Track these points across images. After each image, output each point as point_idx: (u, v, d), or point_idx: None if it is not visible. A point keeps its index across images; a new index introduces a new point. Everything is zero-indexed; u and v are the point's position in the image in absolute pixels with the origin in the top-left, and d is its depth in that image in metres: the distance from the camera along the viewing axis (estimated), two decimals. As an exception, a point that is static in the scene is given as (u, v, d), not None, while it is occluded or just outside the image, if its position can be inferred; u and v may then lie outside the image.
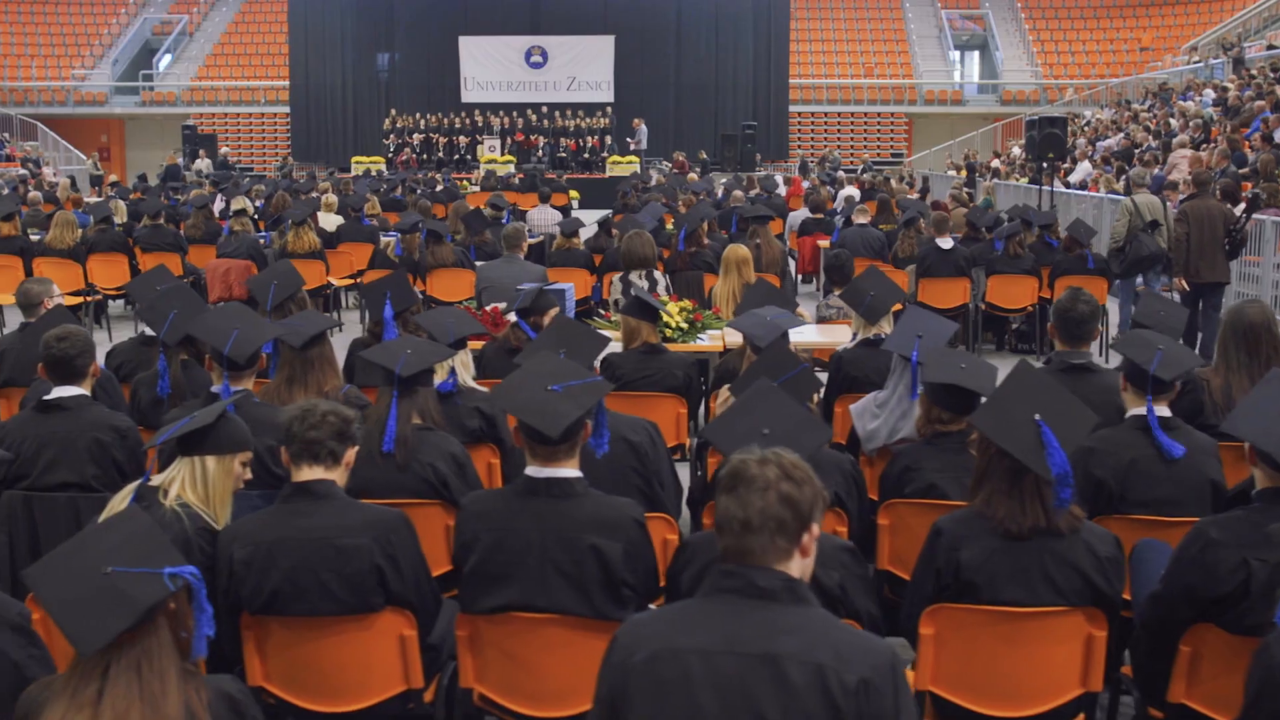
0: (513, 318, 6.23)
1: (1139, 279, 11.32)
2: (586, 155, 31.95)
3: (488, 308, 7.65)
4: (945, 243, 10.84)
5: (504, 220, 13.01)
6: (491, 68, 34.99)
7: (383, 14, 35.20)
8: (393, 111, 33.07)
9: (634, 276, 8.38)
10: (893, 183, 22.74)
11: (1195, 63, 28.76)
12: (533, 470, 3.24)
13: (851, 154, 33.83)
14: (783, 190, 21.92)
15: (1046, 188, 17.02)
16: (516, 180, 25.64)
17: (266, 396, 4.87)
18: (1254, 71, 23.32)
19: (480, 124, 32.95)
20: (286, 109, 35.36)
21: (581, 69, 34.99)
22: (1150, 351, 3.99)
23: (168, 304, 5.14)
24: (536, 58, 35.03)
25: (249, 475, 3.54)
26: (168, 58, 37.26)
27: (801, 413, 3.18)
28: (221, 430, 3.41)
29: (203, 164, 27.85)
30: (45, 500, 4.22)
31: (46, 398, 4.35)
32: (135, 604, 2.22)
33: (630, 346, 5.93)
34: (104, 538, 2.34)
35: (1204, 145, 19.28)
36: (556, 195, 19.49)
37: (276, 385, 4.83)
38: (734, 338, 7.50)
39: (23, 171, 25.74)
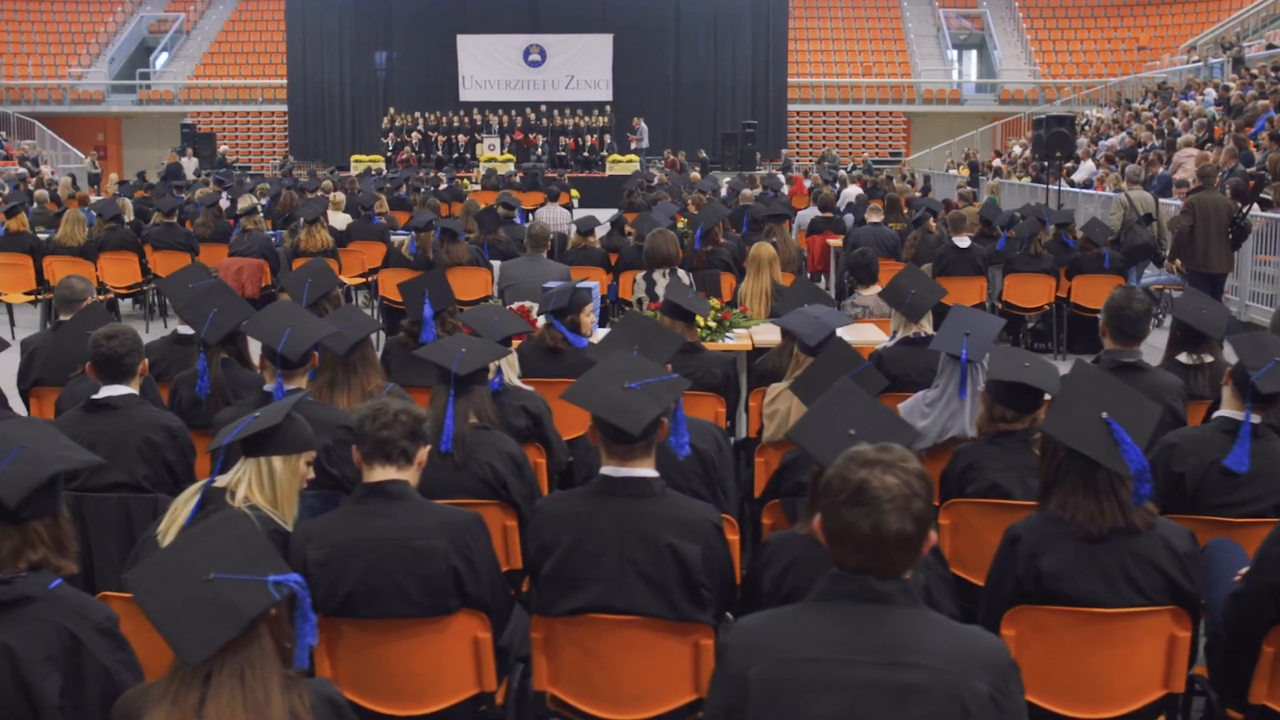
0: (542, 319, 6.19)
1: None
2: (586, 154, 31.91)
3: (513, 306, 7.61)
4: (962, 241, 10.81)
5: (516, 219, 12.95)
6: (490, 66, 34.92)
7: (381, 12, 35.12)
8: (391, 110, 32.99)
9: (657, 275, 8.33)
10: (896, 181, 22.79)
11: (1194, 62, 28.80)
12: (610, 470, 3.20)
13: (850, 153, 33.84)
14: (785, 189, 21.88)
15: (1054, 187, 17.06)
16: (518, 179, 25.59)
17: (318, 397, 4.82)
18: (1255, 71, 23.35)
19: (479, 123, 32.89)
20: (284, 107, 35.26)
21: (580, 68, 34.94)
22: (1263, 359, 3.86)
23: (208, 302, 5.08)
24: (535, 56, 34.97)
25: (312, 474, 3.49)
26: (164, 56, 37.14)
27: (886, 412, 3.14)
28: (287, 430, 3.37)
29: (189, 163, 27.73)
30: (96, 501, 4.16)
31: (95, 397, 4.29)
32: (240, 613, 2.16)
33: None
34: (204, 542, 2.28)
35: (1208, 144, 19.29)
36: (562, 194, 19.43)
37: (318, 388, 4.76)
38: (764, 336, 7.48)
39: (21, 170, 25.63)
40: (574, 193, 23.58)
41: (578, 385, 3.21)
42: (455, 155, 31.70)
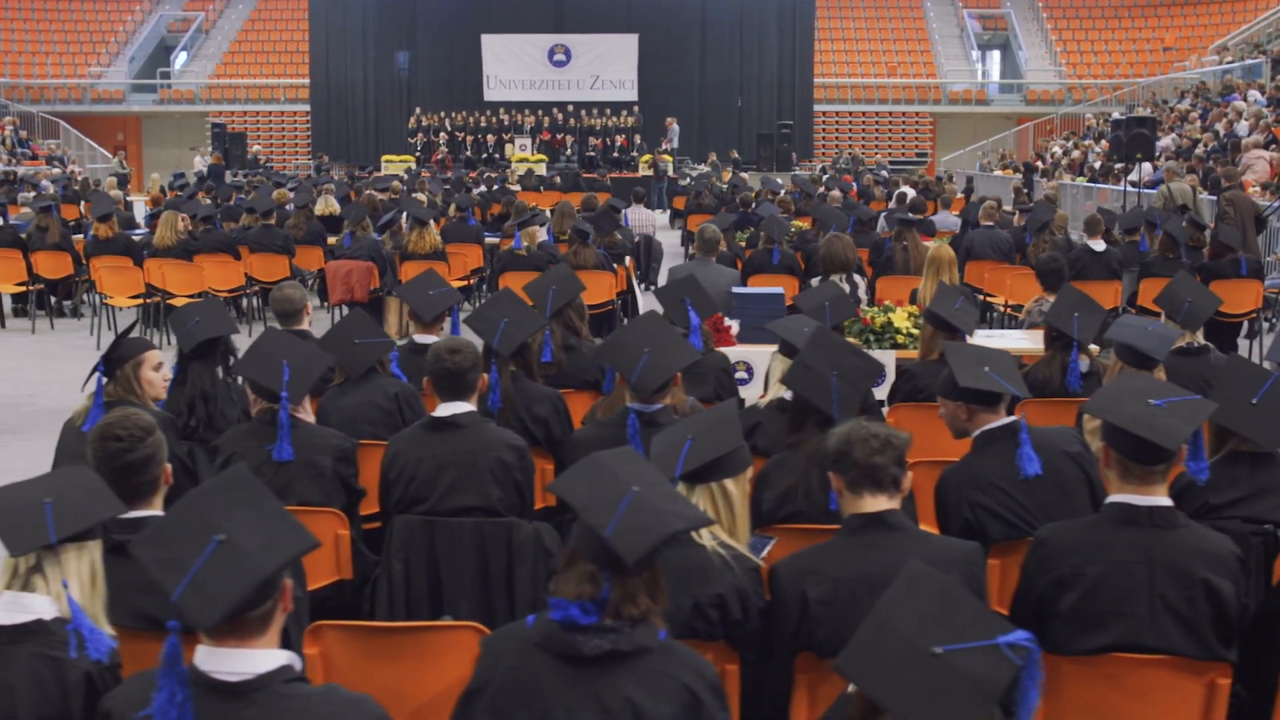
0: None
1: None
2: (615, 154, 31.65)
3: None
4: (1098, 245, 10.64)
5: (624, 222, 12.71)
6: (514, 66, 34.65)
7: (404, 11, 34.81)
8: (417, 110, 32.67)
9: (834, 280, 8.10)
10: (946, 184, 22.65)
11: (1230, 62, 28.72)
12: (1129, 497, 2.98)
13: (876, 154, 33.69)
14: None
15: (1126, 188, 16.93)
16: (556, 180, 25.37)
17: (611, 409, 4.59)
18: (1300, 71, 23.30)
19: (506, 122, 32.62)
20: (306, 107, 34.91)
21: (605, 67, 34.70)
22: None
23: (497, 311, 4.83)
24: (560, 56, 34.72)
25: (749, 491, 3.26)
26: (184, 55, 36.74)
27: None
28: (740, 449, 3.15)
29: (200, 161, 27.36)
30: (448, 526, 3.90)
31: (439, 415, 4.03)
32: (985, 689, 1.93)
33: (930, 358, 5.66)
34: (909, 610, 2.04)
35: (1272, 145, 19.21)
36: (602, 194, 19.09)
37: (620, 394, 4.55)
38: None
39: (57, 171, 25.27)
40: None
41: (1099, 399, 3.00)
42: (484, 155, 31.42)
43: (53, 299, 13.00)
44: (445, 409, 4.05)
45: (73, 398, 9.14)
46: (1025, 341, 7.76)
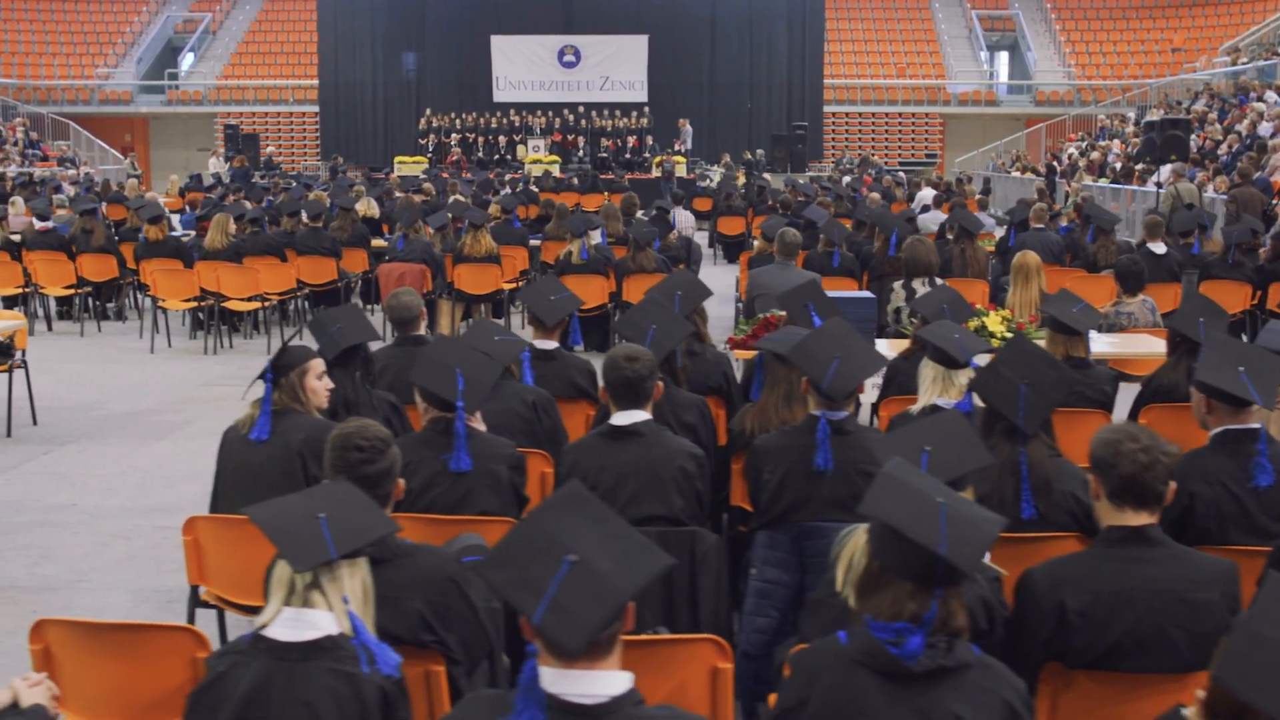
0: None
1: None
2: (628, 155, 31.59)
3: (766, 315, 7.32)
4: (1158, 247, 10.64)
5: (672, 224, 12.68)
6: (523, 67, 34.57)
7: (414, 12, 34.69)
8: (427, 111, 32.58)
9: (916, 284, 8.08)
10: (967, 185, 22.71)
11: (1243, 63, 28.77)
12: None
13: (886, 154, 33.70)
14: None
15: (1156, 189, 16.94)
16: (574, 181, 25.32)
17: (763, 416, 4.57)
18: (1314, 73, 23.36)
19: (516, 124, 32.54)
20: (315, 108, 34.79)
21: (615, 69, 34.65)
22: None
23: (645, 318, 4.79)
24: (569, 57, 34.66)
25: None
26: (191, 56, 36.60)
27: None
28: None
29: (215, 162, 27.31)
30: (632, 536, 3.86)
31: (618, 423, 3.99)
32: None
33: (1055, 360, 5.65)
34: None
35: (1295, 146, 19.24)
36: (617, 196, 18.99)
37: (773, 402, 4.53)
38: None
39: (72, 173, 25.15)
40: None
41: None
42: (496, 157, 31.35)
43: (95, 302, 12.93)
44: (623, 418, 4.01)
45: (140, 402, 9.22)
46: (1113, 345, 7.75)
